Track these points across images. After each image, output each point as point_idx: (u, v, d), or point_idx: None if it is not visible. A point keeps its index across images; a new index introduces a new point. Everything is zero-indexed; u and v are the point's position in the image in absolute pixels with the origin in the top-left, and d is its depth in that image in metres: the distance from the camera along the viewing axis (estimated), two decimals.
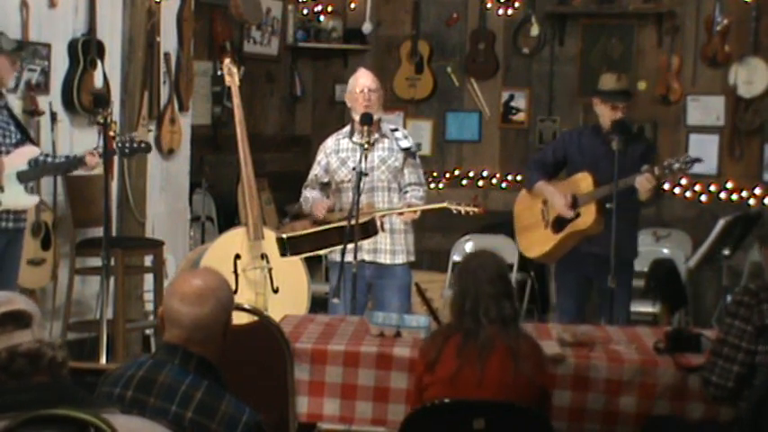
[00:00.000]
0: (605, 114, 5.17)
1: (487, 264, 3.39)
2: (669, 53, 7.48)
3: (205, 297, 2.61)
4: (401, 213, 5.04)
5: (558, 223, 5.23)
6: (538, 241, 5.34)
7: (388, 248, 5.14)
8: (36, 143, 5.34)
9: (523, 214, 5.46)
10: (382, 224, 4.99)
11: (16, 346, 2.04)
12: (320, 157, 5.31)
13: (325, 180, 5.29)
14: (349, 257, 4.71)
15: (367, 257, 5.02)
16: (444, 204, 4.97)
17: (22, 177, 4.99)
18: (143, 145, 5.41)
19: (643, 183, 4.86)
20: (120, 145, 5.30)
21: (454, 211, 4.96)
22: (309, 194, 5.26)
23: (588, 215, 5.08)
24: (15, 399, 1.99)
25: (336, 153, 5.24)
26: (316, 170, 5.32)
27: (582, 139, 5.30)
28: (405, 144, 5.19)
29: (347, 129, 5.30)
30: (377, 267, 5.12)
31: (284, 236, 5.10)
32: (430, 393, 3.26)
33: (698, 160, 4.98)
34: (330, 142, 5.31)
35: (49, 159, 5.24)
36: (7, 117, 5.06)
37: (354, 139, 5.18)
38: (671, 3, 7.51)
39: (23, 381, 2.03)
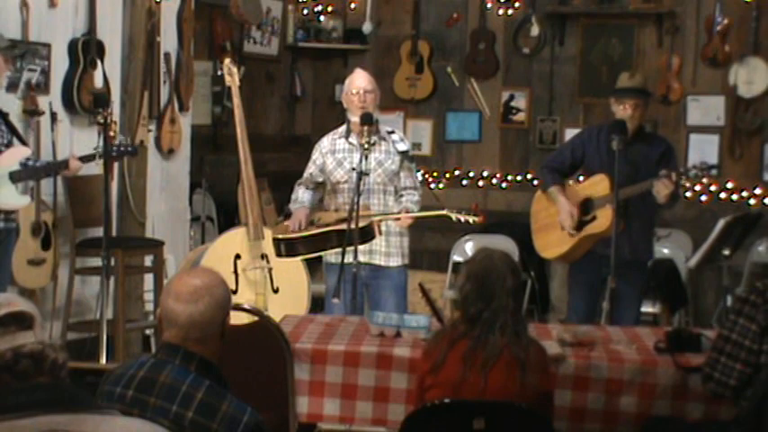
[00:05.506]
0: (617, 113, 5.16)
1: (505, 271, 3.28)
2: (669, 53, 7.48)
3: (199, 295, 2.61)
4: (398, 218, 5.02)
5: (575, 225, 5.23)
6: (554, 242, 5.33)
7: (383, 250, 5.12)
8: (27, 144, 5.32)
9: (540, 215, 5.45)
10: (379, 228, 4.98)
11: (20, 346, 2.04)
12: (315, 155, 5.27)
13: (320, 179, 5.26)
14: (346, 258, 4.71)
15: (362, 259, 4.98)
16: (444, 212, 4.95)
17: (14, 177, 4.99)
18: (129, 149, 5.46)
19: (660, 188, 4.87)
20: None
21: (454, 219, 4.94)
22: (300, 196, 5.23)
23: (604, 218, 5.06)
24: (19, 400, 1.99)
25: (333, 154, 5.20)
26: (311, 169, 5.28)
27: (600, 137, 5.26)
28: (402, 147, 5.14)
29: (343, 128, 5.25)
30: (372, 268, 5.11)
31: (280, 236, 5.06)
32: (432, 394, 3.25)
33: (714, 167, 4.96)
34: (326, 142, 5.26)
35: (38, 164, 5.22)
36: None
37: (351, 139, 5.15)
38: (671, 3, 7.50)
39: (27, 382, 2.03)
